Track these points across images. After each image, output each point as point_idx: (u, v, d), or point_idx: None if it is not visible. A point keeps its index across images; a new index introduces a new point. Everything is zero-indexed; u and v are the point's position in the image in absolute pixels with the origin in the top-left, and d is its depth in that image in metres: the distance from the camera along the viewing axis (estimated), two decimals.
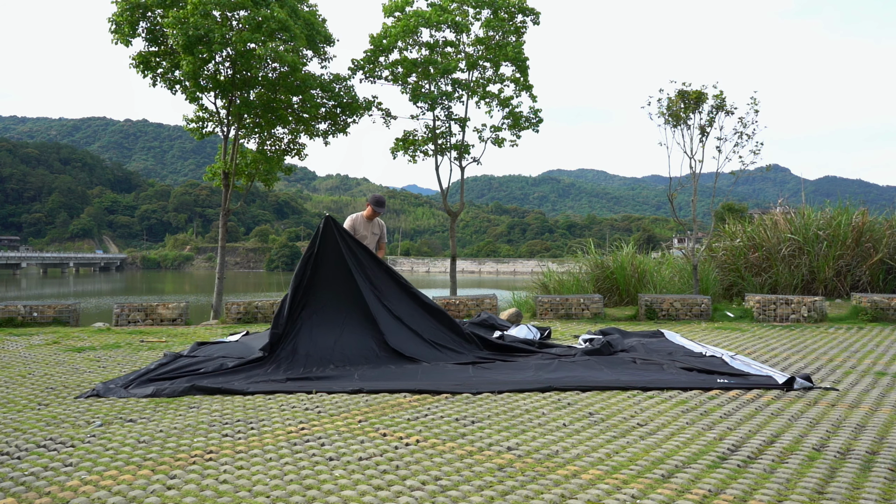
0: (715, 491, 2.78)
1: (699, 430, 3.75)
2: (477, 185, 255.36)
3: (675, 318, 9.90)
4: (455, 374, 5.42)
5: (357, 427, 3.86)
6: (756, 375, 5.23)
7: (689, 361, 5.79)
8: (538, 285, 13.66)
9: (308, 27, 13.82)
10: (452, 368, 5.61)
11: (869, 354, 6.53)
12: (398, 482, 2.92)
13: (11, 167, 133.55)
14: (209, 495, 2.77)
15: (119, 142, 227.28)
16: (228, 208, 14.88)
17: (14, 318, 9.39)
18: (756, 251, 12.95)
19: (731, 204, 35.90)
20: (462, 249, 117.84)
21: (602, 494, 2.76)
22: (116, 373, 5.67)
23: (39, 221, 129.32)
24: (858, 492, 2.77)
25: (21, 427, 3.90)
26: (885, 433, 3.66)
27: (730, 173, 11.99)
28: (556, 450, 3.38)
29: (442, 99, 15.20)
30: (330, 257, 6.30)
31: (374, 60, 15.12)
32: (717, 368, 5.48)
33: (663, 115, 11.52)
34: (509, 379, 5.19)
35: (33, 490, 2.85)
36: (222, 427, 3.86)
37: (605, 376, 5.26)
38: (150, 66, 13.67)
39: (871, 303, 9.53)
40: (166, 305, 9.90)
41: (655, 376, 5.25)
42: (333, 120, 15.27)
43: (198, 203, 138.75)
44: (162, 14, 13.07)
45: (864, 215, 12.61)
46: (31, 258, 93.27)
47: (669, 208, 13.13)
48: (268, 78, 13.98)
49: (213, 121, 14.92)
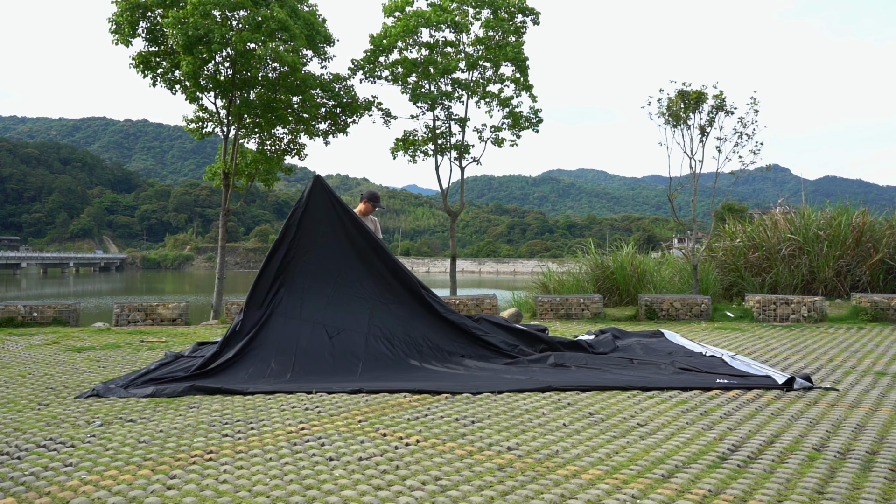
0: (715, 491, 2.78)
1: (699, 430, 3.75)
2: (477, 185, 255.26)
3: (675, 318, 9.90)
4: (461, 375, 5.39)
5: (357, 427, 3.86)
6: (756, 375, 5.23)
7: (688, 362, 5.79)
8: (538, 285, 13.66)
9: (308, 27, 13.82)
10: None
11: (869, 354, 6.53)
12: (398, 482, 2.91)
13: (11, 167, 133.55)
14: (209, 495, 2.77)
15: (119, 142, 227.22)
16: (228, 208, 14.88)
17: (14, 318, 9.39)
18: (756, 251, 12.95)
19: (731, 204, 35.90)
20: (462, 249, 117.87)
21: (602, 494, 2.76)
22: (116, 373, 5.67)
23: (39, 221, 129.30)
24: (858, 492, 2.77)
25: (21, 427, 3.90)
26: (885, 433, 3.66)
27: (730, 173, 12.00)
28: (556, 450, 3.38)
29: (442, 99, 15.20)
30: (321, 224, 6.08)
31: (374, 60, 15.12)
32: (717, 368, 5.48)
33: (663, 115, 11.52)
34: (510, 378, 5.19)
35: (33, 490, 2.85)
36: (222, 427, 3.86)
37: (603, 376, 5.26)
38: (150, 66, 13.68)
39: (871, 303, 9.53)
40: (166, 305, 9.90)
41: (654, 376, 5.25)
42: (333, 120, 15.28)
43: (198, 203, 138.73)
44: (162, 14, 13.07)
45: (864, 215, 12.61)
46: (31, 258, 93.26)
47: (669, 208, 13.13)
48: (268, 78, 13.99)
49: (213, 121, 14.93)
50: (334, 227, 6.17)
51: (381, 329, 5.86)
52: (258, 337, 5.60)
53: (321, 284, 5.97)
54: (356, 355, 5.60)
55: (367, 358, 5.59)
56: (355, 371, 5.40)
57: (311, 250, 6.05)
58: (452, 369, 5.58)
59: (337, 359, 5.54)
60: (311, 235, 6.08)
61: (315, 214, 6.13)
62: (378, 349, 5.71)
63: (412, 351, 5.80)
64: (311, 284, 5.95)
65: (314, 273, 6.01)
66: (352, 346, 5.69)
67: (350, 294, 6.00)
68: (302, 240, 6.05)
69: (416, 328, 5.99)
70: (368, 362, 5.56)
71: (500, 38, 15.07)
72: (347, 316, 5.88)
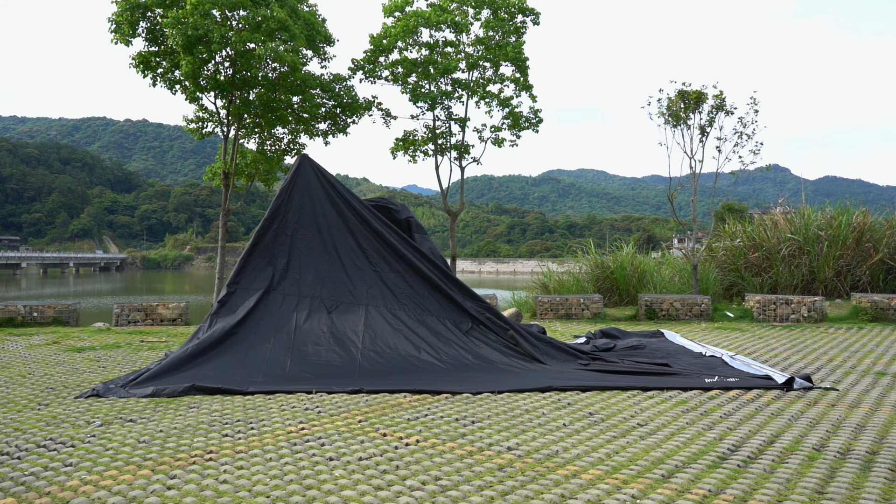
0: (715, 491, 2.78)
1: (699, 430, 3.74)
2: (477, 185, 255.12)
3: (675, 318, 9.90)
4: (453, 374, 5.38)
5: (357, 427, 3.86)
6: (756, 376, 5.23)
7: (688, 362, 5.79)
8: (538, 285, 13.66)
9: (308, 27, 13.81)
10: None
11: (869, 354, 6.52)
12: (398, 482, 2.91)
13: (11, 167, 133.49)
14: (209, 495, 2.77)
15: (119, 142, 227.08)
16: (228, 208, 14.87)
17: (14, 318, 9.38)
18: (756, 251, 12.94)
19: (731, 204, 35.86)
20: (462, 249, 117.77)
21: (602, 494, 2.76)
22: (116, 373, 5.67)
23: (39, 221, 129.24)
24: (858, 492, 2.77)
25: (21, 427, 3.89)
26: (884, 433, 3.66)
27: (730, 173, 12.00)
28: (556, 450, 3.38)
29: (442, 99, 15.20)
30: (310, 201, 6.03)
31: (374, 60, 15.12)
32: (717, 368, 5.48)
33: (663, 115, 11.52)
34: (509, 379, 5.18)
35: (33, 490, 2.84)
36: (222, 427, 3.86)
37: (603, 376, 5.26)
38: (150, 66, 13.67)
39: (871, 303, 9.53)
40: (166, 305, 9.90)
41: (653, 376, 5.25)
42: (333, 120, 15.27)
43: (198, 203, 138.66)
44: (162, 14, 13.07)
45: (864, 215, 12.61)
46: (32, 258, 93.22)
47: (669, 208, 13.13)
48: (268, 78, 13.98)
49: (213, 121, 14.93)
50: (324, 203, 6.16)
51: (381, 300, 5.84)
52: (253, 314, 5.57)
53: (316, 260, 5.95)
54: (355, 331, 5.60)
55: (368, 331, 5.59)
56: (356, 347, 5.39)
57: (303, 226, 6.04)
58: (454, 350, 5.61)
59: (336, 335, 5.53)
60: (300, 212, 6.08)
61: (304, 191, 6.14)
62: (378, 320, 5.70)
63: (413, 318, 5.81)
64: (305, 260, 5.94)
65: (307, 249, 5.98)
66: (352, 319, 5.68)
67: (347, 267, 5.97)
68: (290, 216, 6.05)
69: (418, 296, 6.01)
70: (369, 335, 5.55)
71: (500, 38, 15.07)
72: (345, 290, 5.88)
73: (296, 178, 6.20)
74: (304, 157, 6.36)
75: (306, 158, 6.36)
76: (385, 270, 6.07)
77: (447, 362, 5.40)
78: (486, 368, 5.37)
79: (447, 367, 5.34)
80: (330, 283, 5.84)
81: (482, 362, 5.48)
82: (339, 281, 5.88)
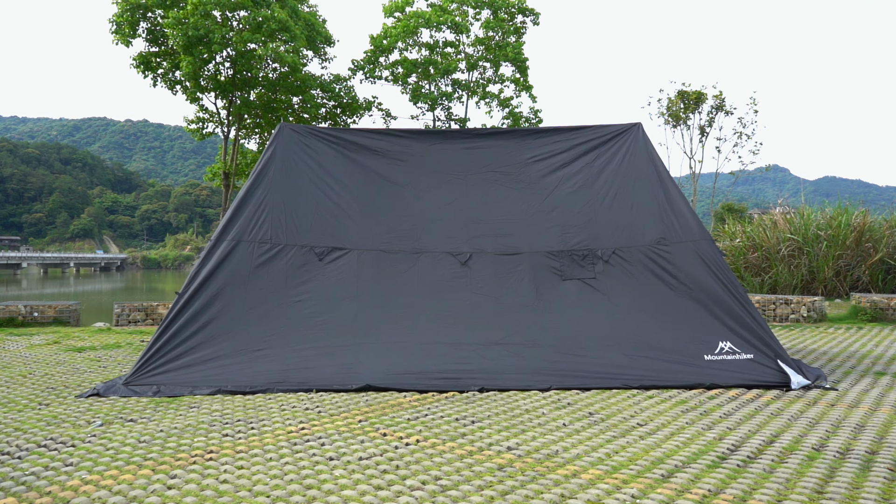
0: (715, 491, 2.78)
1: (699, 430, 3.75)
2: None
3: None
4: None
5: (357, 427, 3.86)
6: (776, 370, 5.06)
7: None
8: None
9: (308, 28, 13.83)
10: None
11: (869, 354, 6.53)
12: (398, 482, 2.92)
13: (12, 167, 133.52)
14: (209, 495, 2.78)
15: (119, 142, 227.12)
16: (228, 208, 14.90)
17: (15, 317, 9.39)
18: (756, 251, 12.95)
19: (731, 204, 35.82)
20: None
21: (602, 494, 2.76)
22: (117, 373, 5.68)
23: (40, 221, 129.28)
24: (858, 492, 2.78)
25: (22, 427, 3.90)
26: (884, 433, 3.67)
27: (729, 173, 12.02)
28: (556, 450, 3.39)
29: (442, 99, 15.22)
30: (293, 166, 5.90)
31: (375, 61, 15.14)
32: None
33: (663, 116, 11.54)
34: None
35: (34, 490, 2.85)
36: (222, 427, 3.87)
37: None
38: (150, 66, 13.70)
39: (870, 303, 9.54)
40: (167, 305, 9.90)
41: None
42: (333, 120, 15.29)
43: (198, 203, 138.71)
44: (162, 15, 13.08)
45: (864, 215, 12.61)
46: (32, 258, 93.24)
47: None
48: (268, 78, 14.00)
49: (214, 121, 14.95)
50: (309, 168, 6.01)
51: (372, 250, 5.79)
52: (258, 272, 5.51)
53: (305, 217, 5.84)
54: (355, 276, 5.60)
55: (362, 279, 5.58)
56: (354, 294, 5.42)
57: (286, 194, 5.90)
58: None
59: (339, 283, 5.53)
60: (283, 180, 5.92)
61: (286, 158, 5.99)
62: (371, 263, 5.69)
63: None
64: (294, 219, 5.81)
65: (293, 211, 5.84)
66: (347, 269, 5.64)
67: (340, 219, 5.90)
68: (276, 183, 5.89)
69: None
70: (364, 284, 5.54)
71: (500, 38, 15.09)
72: (340, 235, 5.80)
73: (275, 146, 6.01)
74: (283, 127, 6.22)
75: (285, 127, 6.23)
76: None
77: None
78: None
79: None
80: (316, 233, 5.82)
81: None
82: (328, 232, 5.87)
